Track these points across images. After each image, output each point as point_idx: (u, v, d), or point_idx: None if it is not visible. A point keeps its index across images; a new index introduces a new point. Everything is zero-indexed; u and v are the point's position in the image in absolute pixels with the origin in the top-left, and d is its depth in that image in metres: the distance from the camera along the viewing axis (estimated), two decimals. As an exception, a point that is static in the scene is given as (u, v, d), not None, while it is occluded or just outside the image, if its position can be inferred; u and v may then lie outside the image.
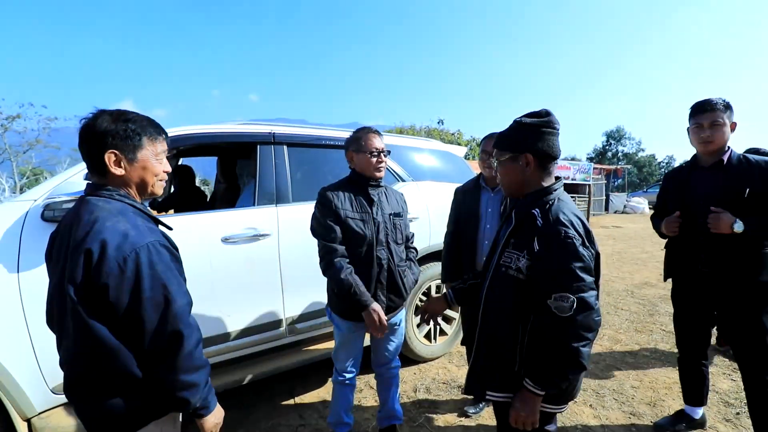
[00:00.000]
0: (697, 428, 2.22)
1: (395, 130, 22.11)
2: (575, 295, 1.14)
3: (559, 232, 1.17)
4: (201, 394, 1.08)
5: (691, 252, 2.00)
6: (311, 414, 2.44)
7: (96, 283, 0.95)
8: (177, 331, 1.02)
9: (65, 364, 1.06)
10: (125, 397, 1.02)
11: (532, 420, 1.21)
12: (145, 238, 1.02)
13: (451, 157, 3.52)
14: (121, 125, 1.06)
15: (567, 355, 1.15)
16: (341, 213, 1.81)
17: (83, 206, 1.04)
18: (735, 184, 1.87)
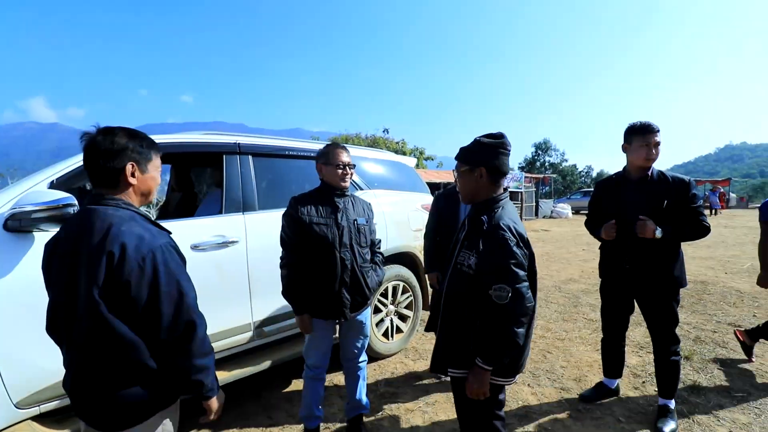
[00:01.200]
0: (613, 396, 2.67)
1: (341, 137, 22.26)
2: (511, 287, 1.38)
3: (499, 235, 1.42)
4: (211, 377, 1.21)
5: (619, 252, 2.38)
6: (280, 414, 2.54)
7: (119, 281, 1.05)
8: (191, 320, 1.14)
9: (75, 366, 1.12)
10: (137, 389, 1.11)
11: (483, 391, 1.46)
12: (158, 240, 1.13)
13: (403, 168, 3.81)
14: (138, 141, 1.20)
15: (505, 336, 1.39)
16: (305, 219, 1.99)
17: (92, 215, 1.11)
18: (656, 196, 2.24)
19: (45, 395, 1.77)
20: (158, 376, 1.14)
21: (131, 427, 1.13)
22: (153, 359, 1.12)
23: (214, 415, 1.27)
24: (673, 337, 2.35)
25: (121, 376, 1.10)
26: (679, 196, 2.22)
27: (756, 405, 2.55)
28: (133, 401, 1.11)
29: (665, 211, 2.22)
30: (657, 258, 2.27)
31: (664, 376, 2.38)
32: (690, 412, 2.48)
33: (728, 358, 3.24)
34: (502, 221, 1.46)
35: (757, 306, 4.64)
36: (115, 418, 1.11)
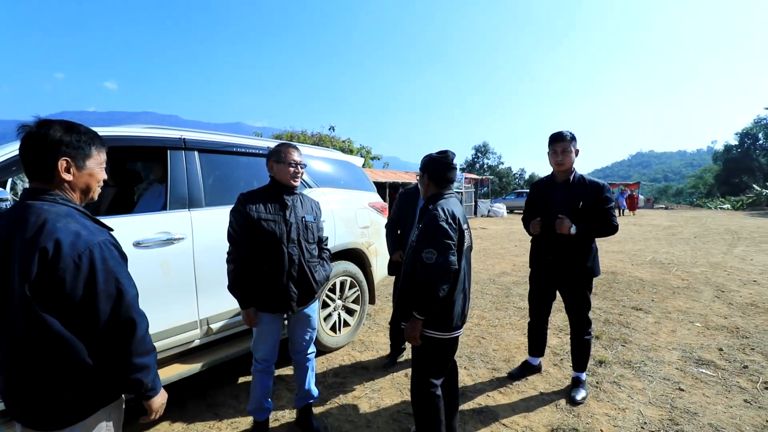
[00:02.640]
0: (536, 372, 3.03)
1: (286, 134, 21.75)
2: (437, 251, 1.76)
3: (432, 213, 1.84)
4: (152, 376, 1.20)
5: (544, 245, 2.73)
6: (226, 411, 2.54)
7: (52, 278, 1.03)
8: (130, 318, 1.13)
9: (8, 365, 1.08)
10: (76, 386, 1.10)
11: (415, 336, 1.86)
12: (97, 237, 1.11)
13: (351, 167, 3.93)
14: (74, 136, 1.16)
15: (430, 289, 1.76)
16: (254, 215, 2.05)
17: (27, 210, 1.08)
18: (575, 198, 2.57)
19: (-32, 403, 1.65)
20: (96, 374, 1.13)
21: (70, 426, 1.11)
22: (90, 357, 1.11)
23: (155, 415, 1.26)
24: (587, 320, 2.72)
25: (57, 374, 1.08)
26: (594, 198, 2.54)
27: (649, 373, 3.03)
28: (70, 399, 1.10)
29: (581, 211, 2.55)
30: (574, 251, 2.61)
31: (577, 352, 2.75)
32: (598, 382, 2.89)
33: (631, 336, 3.77)
34: (440, 206, 1.88)
35: (655, 292, 5.41)
36: (51, 417, 1.09)
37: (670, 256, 8.27)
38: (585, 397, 2.65)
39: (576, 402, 2.60)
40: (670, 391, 2.76)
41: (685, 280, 6.13)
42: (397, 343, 3.27)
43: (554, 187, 2.70)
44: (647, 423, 2.40)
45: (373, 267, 3.72)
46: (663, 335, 3.81)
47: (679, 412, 2.50)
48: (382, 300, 4.97)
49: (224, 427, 2.37)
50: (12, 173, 1.91)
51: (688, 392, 2.75)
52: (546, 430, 2.34)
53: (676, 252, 8.88)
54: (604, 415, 2.48)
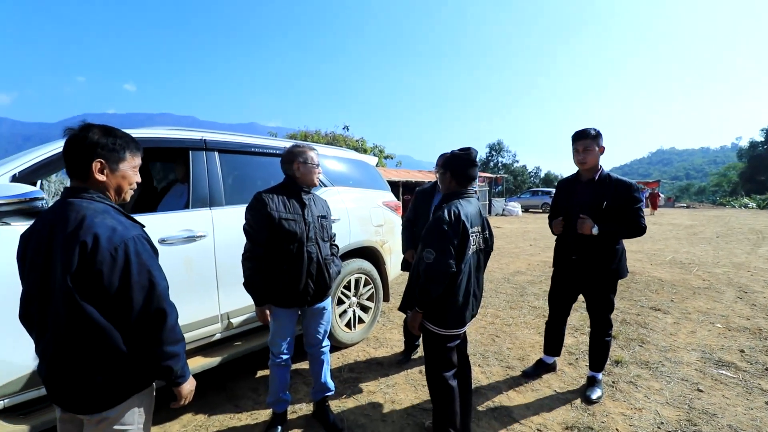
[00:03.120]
0: (551, 371, 3.02)
1: (300, 134, 21.96)
2: (435, 251, 1.82)
3: (437, 214, 1.89)
4: (181, 363, 1.27)
5: (568, 245, 2.68)
6: (246, 402, 2.63)
7: (91, 270, 1.10)
8: (161, 308, 1.20)
9: (50, 353, 1.16)
10: (111, 372, 1.18)
11: (414, 326, 1.98)
12: (131, 232, 1.18)
13: (365, 166, 3.98)
14: (110, 139, 1.23)
15: (423, 288, 1.85)
16: (275, 215, 2.10)
17: (68, 206, 1.16)
18: (598, 197, 2.48)
19: (9, 389, 1.76)
20: (129, 362, 1.20)
21: (105, 410, 1.19)
22: (125, 345, 1.18)
23: (184, 401, 1.33)
24: (608, 322, 2.67)
25: (94, 361, 1.16)
26: (620, 198, 2.45)
27: (667, 374, 2.99)
28: (105, 385, 1.17)
29: (606, 211, 2.47)
30: (599, 252, 2.53)
31: (596, 353, 2.72)
32: (614, 382, 2.87)
33: (648, 337, 3.72)
34: (450, 206, 1.89)
35: (675, 293, 5.30)
36: (90, 400, 1.17)
37: (690, 256, 8.08)
38: (600, 396, 2.64)
39: (591, 401, 2.59)
40: (688, 392, 2.73)
41: (707, 280, 5.99)
42: (411, 340, 3.31)
43: (578, 186, 2.64)
44: (664, 423, 2.38)
45: (387, 265, 3.77)
46: (682, 336, 3.75)
47: (697, 413, 2.47)
48: (397, 298, 5.00)
49: (244, 418, 2.45)
50: (41, 175, 2.01)
51: (707, 393, 2.71)
52: (560, 428, 2.35)
53: (697, 252, 8.67)
54: (620, 415, 2.47)
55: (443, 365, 2.01)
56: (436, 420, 2.03)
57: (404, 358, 3.24)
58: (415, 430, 2.32)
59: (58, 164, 2.03)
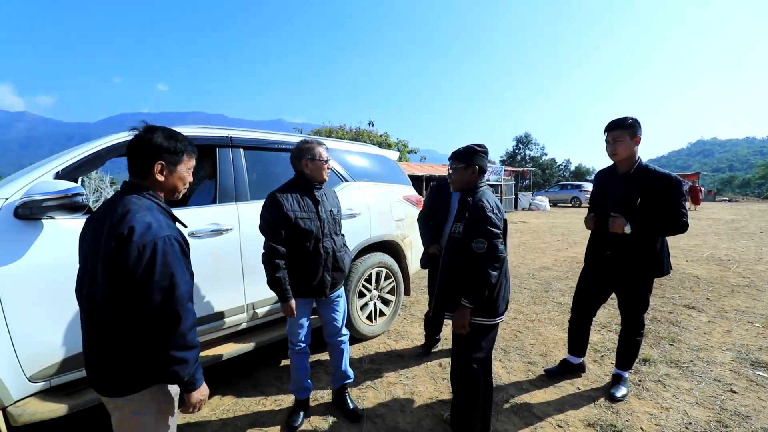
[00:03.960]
0: (577, 372, 2.91)
1: (325, 130, 22.21)
2: (487, 240, 1.85)
3: (479, 205, 1.92)
4: (189, 371, 1.25)
5: (601, 240, 2.56)
6: (270, 389, 2.73)
7: (119, 259, 1.17)
8: (176, 312, 1.21)
9: (89, 330, 1.25)
10: (128, 362, 1.22)
11: (464, 324, 1.94)
12: (163, 231, 1.22)
13: (386, 161, 4.00)
14: (172, 143, 1.32)
15: (482, 277, 1.86)
16: (291, 215, 2.14)
17: (119, 200, 1.26)
18: (633, 191, 2.33)
19: (56, 370, 1.91)
20: (144, 355, 1.23)
21: (122, 396, 1.24)
22: (140, 339, 1.22)
23: (191, 409, 1.30)
24: (640, 322, 2.56)
25: (115, 347, 1.22)
26: (658, 191, 2.29)
27: (698, 374, 2.88)
28: (123, 372, 1.23)
29: (641, 206, 2.32)
30: (636, 247, 2.39)
31: (625, 352, 2.62)
32: (641, 380, 2.79)
33: (680, 335, 3.59)
34: (483, 197, 1.97)
35: (711, 290, 5.07)
36: (109, 384, 1.24)
37: (730, 252, 7.67)
38: (626, 394, 2.58)
39: (615, 399, 2.53)
40: (720, 393, 2.62)
41: (747, 278, 5.68)
42: (431, 334, 3.33)
43: (614, 178, 2.50)
44: (692, 423, 2.30)
45: (408, 259, 3.79)
46: (717, 335, 3.59)
47: (729, 414, 2.38)
48: (418, 292, 5.03)
49: (269, 404, 2.55)
50: (81, 172, 2.15)
51: (741, 395, 2.60)
52: (582, 425, 2.32)
53: (737, 248, 8.21)
54: (646, 414, 2.41)
55: (481, 358, 2.03)
56: (469, 412, 2.03)
57: (424, 351, 3.27)
58: (433, 422, 2.34)
59: (95, 162, 2.16)
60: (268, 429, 2.29)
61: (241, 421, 2.37)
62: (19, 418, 1.78)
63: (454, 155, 2.14)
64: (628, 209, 2.36)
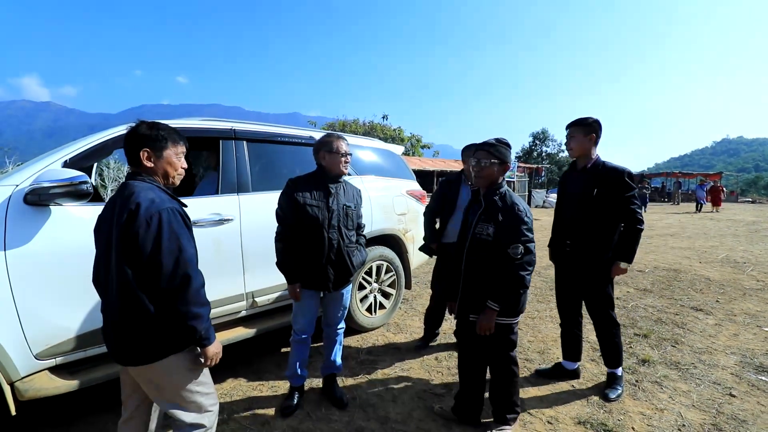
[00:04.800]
0: (571, 378, 2.79)
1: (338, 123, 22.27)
2: (523, 245, 1.91)
3: (516, 209, 1.96)
4: (205, 325, 1.39)
5: (561, 233, 2.65)
6: (268, 376, 2.81)
7: (129, 231, 1.30)
8: (186, 273, 1.34)
9: (108, 310, 1.38)
10: (149, 331, 1.35)
11: (489, 326, 2.00)
12: (165, 204, 1.36)
13: (390, 155, 4.02)
14: (154, 131, 1.45)
15: (519, 281, 1.93)
16: (300, 199, 2.21)
17: (125, 186, 1.40)
18: (589, 185, 2.45)
19: (60, 349, 2.01)
20: (163, 323, 1.35)
21: (145, 364, 1.37)
22: (158, 308, 1.34)
23: (210, 362, 1.46)
24: (610, 320, 2.55)
25: (135, 320, 1.34)
26: (611, 185, 2.40)
27: (698, 376, 2.84)
28: (145, 342, 1.35)
29: (597, 199, 2.43)
30: (593, 239, 2.48)
31: (606, 350, 2.62)
32: (637, 381, 2.77)
33: (684, 337, 3.53)
34: (515, 199, 2.02)
35: (722, 293, 4.95)
36: (133, 354, 1.37)
37: (747, 255, 7.45)
38: (620, 395, 2.55)
39: (609, 399, 2.50)
40: (718, 396, 2.59)
41: (761, 281, 5.53)
42: (431, 328, 3.36)
43: (573, 175, 2.64)
44: (686, 426, 2.28)
45: (409, 253, 3.81)
46: (722, 338, 3.52)
47: (725, 418, 2.35)
48: (421, 286, 5.06)
49: (265, 389, 2.63)
50: (88, 161, 2.23)
51: (740, 399, 2.56)
52: (573, 422, 2.32)
53: (756, 250, 7.97)
54: (639, 414, 2.40)
55: (514, 348, 2.14)
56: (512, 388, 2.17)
57: (422, 344, 3.30)
58: (423, 413, 2.38)
59: (102, 152, 2.25)
60: (263, 412, 2.37)
61: (237, 405, 2.44)
62: (26, 393, 1.88)
63: (488, 149, 2.03)
64: (586, 201, 2.47)
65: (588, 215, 2.47)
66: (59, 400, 2.38)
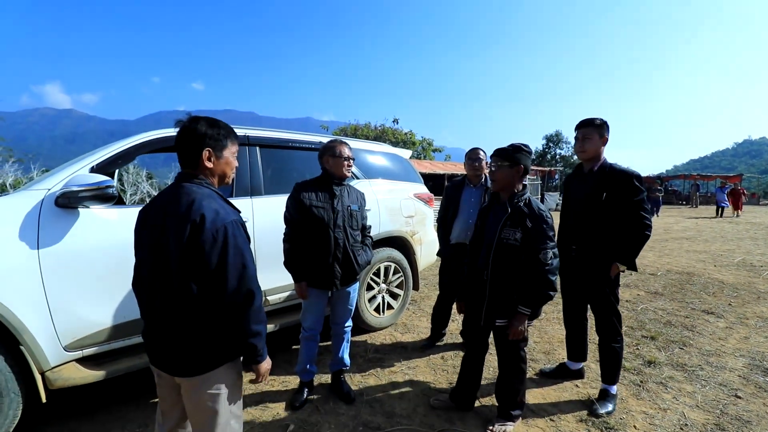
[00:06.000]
0: (575, 377, 2.82)
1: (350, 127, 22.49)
2: (551, 249, 2.01)
3: (544, 216, 2.04)
4: (263, 342, 1.34)
5: (567, 239, 2.60)
6: (279, 372, 2.92)
7: (196, 244, 1.22)
8: (250, 289, 1.27)
9: (158, 319, 1.30)
10: (206, 342, 1.29)
11: (523, 331, 2.09)
12: (230, 216, 1.29)
13: (398, 159, 4.12)
14: (215, 130, 1.36)
15: (549, 284, 2.01)
16: (306, 202, 2.33)
17: (180, 190, 1.30)
18: (597, 188, 2.39)
19: (87, 341, 2.15)
20: (221, 335, 1.30)
21: (201, 374, 1.29)
22: (218, 320, 1.28)
23: (262, 378, 1.40)
24: (613, 327, 2.47)
25: (193, 331, 1.28)
26: (618, 189, 2.34)
27: (704, 378, 2.85)
28: (202, 352, 1.29)
29: (606, 203, 2.37)
30: (599, 242, 2.42)
31: (604, 362, 2.52)
32: (642, 381, 2.79)
33: (692, 339, 3.53)
34: (540, 206, 2.09)
35: (735, 296, 4.89)
36: (188, 365, 1.29)
37: (765, 259, 7.30)
38: (611, 411, 2.41)
39: (598, 415, 2.36)
40: (724, 397, 2.60)
41: (777, 285, 5.43)
42: (437, 328, 3.43)
43: (580, 177, 2.57)
44: (688, 425, 2.30)
45: (417, 255, 3.90)
46: (732, 341, 3.50)
47: (728, 419, 2.36)
48: (430, 288, 5.13)
49: (276, 384, 2.74)
50: (114, 167, 2.39)
51: (746, 400, 2.56)
52: (574, 420, 2.37)
53: (774, 254, 7.80)
54: (642, 413, 2.43)
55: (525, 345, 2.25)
56: (521, 385, 2.25)
57: (429, 343, 3.38)
58: (427, 409, 2.46)
59: (126, 158, 2.40)
60: (273, 405, 2.48)
61: (249, 398, 2.56)
62: (55, 383, 2.03)
63: (498, 153, 2.13)
64: (593, 205, 2.42)
65: (595, 220, 2.42)
66: (84, 391, 2.54)
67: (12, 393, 1.94)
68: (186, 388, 1.34)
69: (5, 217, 1.96)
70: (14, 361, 1.96)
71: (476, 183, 3.15)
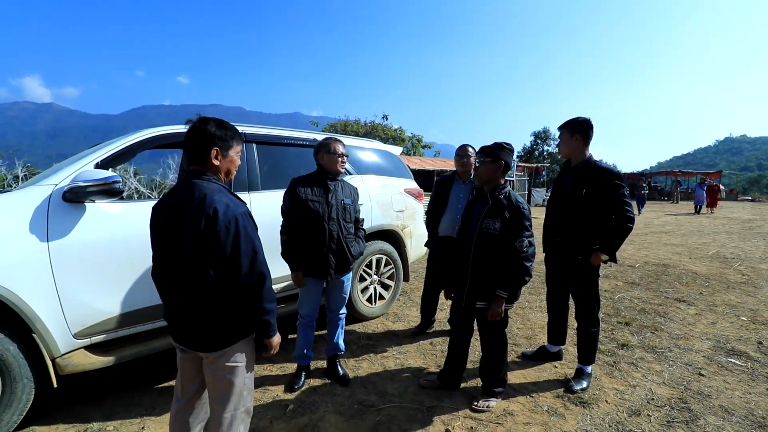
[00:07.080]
0: (554, 359, 3.03)
1: (340, 123, 22.51)
2: (527, 238, 2.19)
3: (521, 207, 2.25)
4: (275, 318, 1.49)
5: (552, 229, 2.80)
6: (277, 358, 3.06)
7: (211, 234, 1.35)
8: (262, 272, 1.42)
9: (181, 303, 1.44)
10: (225, 320, 1.43)
11: (500, 313, 2.28)
12: (240, 209, 1.41)
13: (389, 155, 4.27)
14: (223, 131, 1.49)
15: (524, 271, 2.22)
16: (302, 196, 2.48)
17: (192, 186, 1.41)
18: (578, 184, 2.56)
19: (95, 329, 2.27)
20: (237, 313, 1.44)
21: (222, 349, 1.45)
22: (234, 300, 1.42)
23: (274, 350, 1.56)
24: (591, 314, 2.64)
25: (214, 311, 1.42)
26: (600, 185, 2.49)
27: (672, 358, 3.09)
28: (221, 330, 1.44)
29: (586, 198, 2.53)
30: (582, 234, 2.58)
31: (582, 345, 2.72)
32: (615, 362, 3.02)
33: (664, 325, 3.78)
34: (518, 198, 2.30)
35: (706, 286, 5.19)
36: (210, 341, 1.45)
37: (737, 251, 7.68)
38: (585, 388, 2.60)
39: (573, 391, 2.56)
40: (688, 375, 2.83)
41: (746, 275, 5.76)
42: (427, 316, 3.61)
43: (567, 172, 2.75)
44: (654, 399, 2.53)
45: (407, 247, 4.06)
46: (700, 326, 3.77)
47: (691, 394, 2.59)
48: (419, 279, 5.31)
49: (275, 370, 2.89)
50: (117, 163, 2.49)
51: (708, 378, 2.80)
52: (552, 396, 2.57)
53: (746, 247, 8.20)
54: (613, 389, 2.64)
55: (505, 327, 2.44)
56: (503, 365, 2.44)
57: (419, 331, 3.56)
58: (417, 389, 2.63)
59: (128, 154, 2.51)
60: (273, 388, 2.62)
61: (250, 382, 2.70)
62: (66, 368, 2.14)
63: (482, 150, 2.36)
64: (575, 200, 2.58)
65: (575, 214, 2.58)
66: (92, 376, 2.65)
67: (25, 378, 2.05)
68: (208, 362, 1.49)
69: (15, 211, 2.06)
70: (27, 348, 2.07)
71: (465, 179, 3.32)
